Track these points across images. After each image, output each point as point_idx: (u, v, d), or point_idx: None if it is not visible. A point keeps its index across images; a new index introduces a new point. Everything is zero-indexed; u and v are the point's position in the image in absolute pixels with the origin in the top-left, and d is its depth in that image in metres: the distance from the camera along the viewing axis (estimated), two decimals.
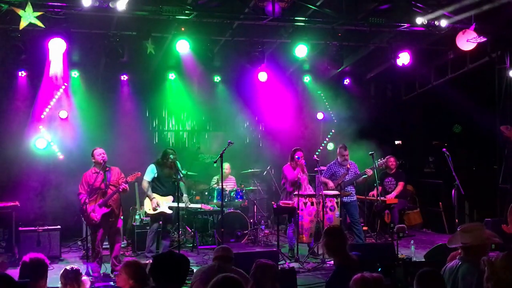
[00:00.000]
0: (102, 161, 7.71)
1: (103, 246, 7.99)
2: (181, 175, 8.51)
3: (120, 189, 7.75)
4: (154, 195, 8.45)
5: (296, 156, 8.79)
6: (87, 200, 7.56)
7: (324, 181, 9.17)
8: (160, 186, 8.52)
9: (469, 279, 4.04)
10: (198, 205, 9.36)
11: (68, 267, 4.57)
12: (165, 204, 8.45)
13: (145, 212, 8.85)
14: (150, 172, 8.48)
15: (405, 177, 10.63)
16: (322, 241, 4.74)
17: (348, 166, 9.19)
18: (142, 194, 9.19)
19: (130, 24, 8.47)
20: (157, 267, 3.83)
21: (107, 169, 7.78)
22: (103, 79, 10.96)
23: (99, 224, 7.69)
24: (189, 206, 9.10)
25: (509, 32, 9.46)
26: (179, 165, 8.53)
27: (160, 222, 8.62)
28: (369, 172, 9.03)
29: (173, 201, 8.47)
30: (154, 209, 8.39)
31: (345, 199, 9.06)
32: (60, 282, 4.51)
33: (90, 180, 7.69)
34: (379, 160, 9.45)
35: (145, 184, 8.45)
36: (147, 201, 8.53)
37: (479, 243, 4.20)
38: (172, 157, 8.35)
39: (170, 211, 8.49)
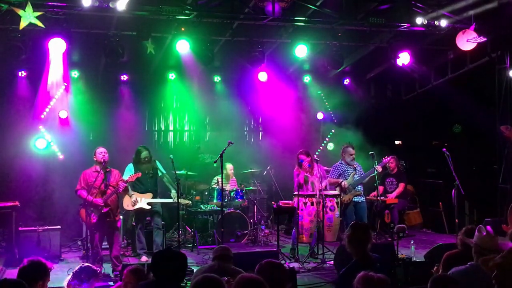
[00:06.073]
0: (102, 160, 7.79)
1: (102, 246, 8.00)
2: (163, 173, 8.88)
3: (120, 190, 7.83)
4: (133, 192, 8.57)
5: (300, 160, 8.78)
6: (89, 197, 7.63)
7: (335, 182, 9.10)
8: (139, 184, 8.63)
9: None
10: (186, 201, 9.70)
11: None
12: (143, 200, 8.58)
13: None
14: (128, 171, 8.56)
15: (406, 178, 10.62)
16: (346, 233, 4.74)
17: (354, 166, 9.16)
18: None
19: (130, 24, 8.47)
20: (156, 264, 3.89)
21: (108, 169, 7.86)
22: (103, 79, 10.95)
23: (97, 224, 7.71)
24: (175, 201, 9.10)
25: (509, 32, 9.44)
26: (159, 165, 8.82)
27: (148, 218, 8.82)
28: (379, 168, 8.98)
29: (152, 197, 8.70)
30: (133, 205, 8.51)
31: (356, 198, 9.05)
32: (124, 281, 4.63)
33: (90, 178, 7.78)
34: (383, 158, 9.45)
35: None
36: (126, 198, 8.60)
37: None
38: (144, 155, 8.63)
39: (148, 207, 8.62)
